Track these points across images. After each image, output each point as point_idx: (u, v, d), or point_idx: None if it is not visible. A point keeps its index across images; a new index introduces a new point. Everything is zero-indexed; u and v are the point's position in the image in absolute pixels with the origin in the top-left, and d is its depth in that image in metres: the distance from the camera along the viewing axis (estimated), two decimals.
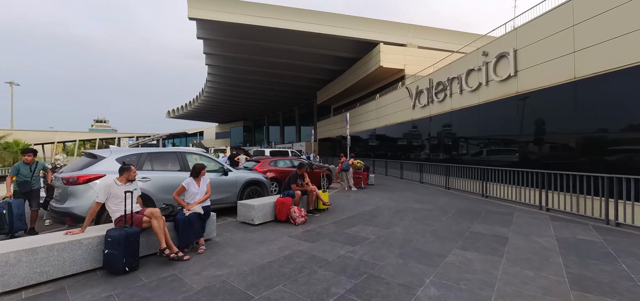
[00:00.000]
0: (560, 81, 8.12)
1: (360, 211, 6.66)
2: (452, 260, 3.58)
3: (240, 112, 51.28)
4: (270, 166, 9.38)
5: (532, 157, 8.90)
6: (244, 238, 4.60)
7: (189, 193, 4.34)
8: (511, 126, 9.81)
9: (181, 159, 5.65)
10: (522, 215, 6.11)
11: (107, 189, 3.57)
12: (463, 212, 6.45)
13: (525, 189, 7.45)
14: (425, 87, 15.09)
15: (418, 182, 12.38)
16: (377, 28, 21.34)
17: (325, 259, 3.65)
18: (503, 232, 4.85)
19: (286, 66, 26.77)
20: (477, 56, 11.58)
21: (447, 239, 4.47)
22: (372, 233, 4.80)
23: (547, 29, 8.57)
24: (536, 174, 7.10)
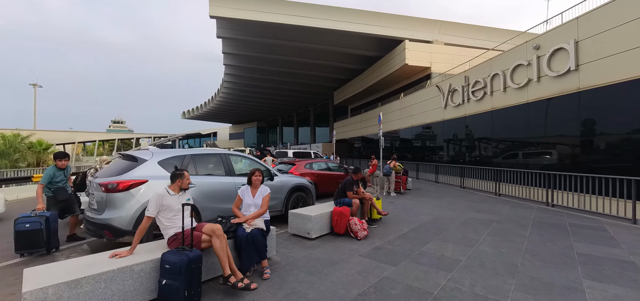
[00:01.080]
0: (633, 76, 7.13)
1: (419, 221, 5.86)
2: (598, 298, 2.76)
3: (255, 113, 51.05)
4: (306, 169, 8.68)
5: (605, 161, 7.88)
6: (306, 257, 3.88)
7: (243, 203, 3.67)
8: (572, 126, 8.81)
9: (226, 162, 4.99)
10: (620, 231, 5.19)
11: (158, 200, 2.92)
12: (542, 225, 5.57)
13: (608, 200, 6.47)
14: (461, 85, 14.13)
15: (459, 187, 11.45)
16: (402, 24, 20.44)
17: (427, 291, 2.89)
18: (619, 254, 3.98)
19: (303, 65, 26.12)
20: (525, 50, 10.61)
21: (558, 263, 3.64)
22: (457, 253, 4.00)
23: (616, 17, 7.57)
24: (620, 181, 6.14)
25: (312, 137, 42.85)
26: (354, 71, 27.12)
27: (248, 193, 3.69)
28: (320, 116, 42.04)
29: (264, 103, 42.82)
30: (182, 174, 3.12)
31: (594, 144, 8.30)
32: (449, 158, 15.07)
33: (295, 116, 47.82)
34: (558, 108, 9.27)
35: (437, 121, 16.39)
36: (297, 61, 25.30)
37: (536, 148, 10.16)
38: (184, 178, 3.11)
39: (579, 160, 8.47)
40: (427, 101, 17.42)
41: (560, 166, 8.75)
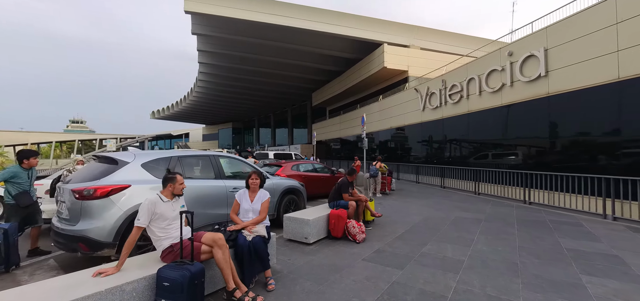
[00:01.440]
0: (601, 82, 7.74)
1: (412, 222, 5.89)
2: (600, 293, 2.85)
3: (230, 113, 49.49)
4: (293, 171, 8.44)
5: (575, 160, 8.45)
6: (308, 264, 3.69)
7: (241, 209, 3.40)
8: (543, 128, 9.40)
9: (215, 164, 4.64)
10: (594, 225, 5.55)
11: (150, 208, 2.58)
12: (526, 222, 5.83)
13: (580, 197, 6.94)
14: (439, 89, 14.63)
15: (439, 187, 11.80)
16: (381, 28, 20.84)
17: (441, 294, 2.82)
18: (602, 248, 4.22)
19: (282, 65, 25.73)
20: (499, 56, 11.19)
21: (553, 260, 3.77)
22: (458, 253, 4.02)
23: (585, 27, 8.20)
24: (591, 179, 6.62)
25: (290, 138, 42.43)
26: (332, 73, 27.21)
27: (246, 198, 3.42)
28: (298, 117, 41.75)
29: (240, 103, 41.66)
30: (174, 177, 2.79)
31: (562, 145, 8.90)
32: (428, 159, 15.52)
33: (272, 117, 47.10)
34: (530, 111, 9.85)
35: (415, 122, 16.84)
36: (275, 61, 24.86)
37: (511, 149, 10.73)
38: (176, 182, 2.78)
39: (550, 160, 9.05)
40: (406, 103, 17.85)
41: (534, 165, 9.28)
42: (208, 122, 59.77)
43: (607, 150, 7.59)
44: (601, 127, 7.76)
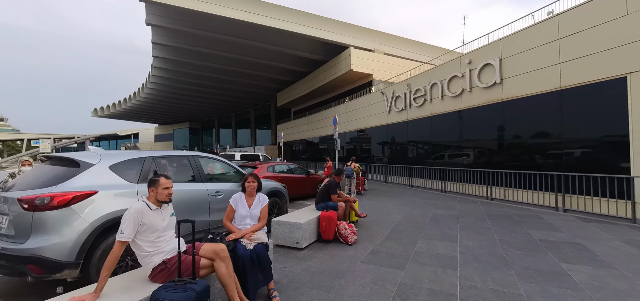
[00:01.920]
0: (547, 89, 8.73)
1: (394, 221, 5.97)
2: (582, 279, 3.12)
3: (187, 112, 46.33)
4: (269, 173, 8.07)
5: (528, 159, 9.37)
6: (307, 271, 3.47)
7: (237, 215, 3.07)
8: (498, 130, 10.32)
9: (195, 166, 4.16)
10: (551, 217, 6.19)
11: (137, 218, 2.15)
12: (495, 217, 6.29)
13: (535, 192, 7.73)
14: (404, 92, 15.29)
15: (407, 186, 12.30)
16: (348, 32, 21.21)
17: (450, 292, 2.83)
18: (567, 238, 4.70)
19: (245, 63, 24.74)
20: (459, 63, 12.05)
21: (532, 250, 4.07)
22: (449, 250, 4.13)
23: (533, 41, 9.18)
24: (546, 176, 7.42)
25: (253, 139, 41.15)
26: (298, 73, 27.00)
27: (242, 203, 3.09)
28: (262, 118, 40.68)
29: (198, 102, 39.22)
30: (156, 180, 2.35)
31: (516, 146, 9.86)
32: (394, 159, 16.12)
33: (233, 117, 45.22)
34: (488, 115, 10.75)
35: (382, 124, 17.39)
36: (238, 59, 23.79)
37: (472, 150, 11.60)
38: (159, 186, 2.32)
39: (507, 159, 9.95)
40: (372, 105, 18.37)
41: (494, 164, 10.15)
42: (162, 121, 55.29)
43: (554, 150, 8.56)
44: (548, 130, 8.73)
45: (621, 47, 6.88)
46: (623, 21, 6.87)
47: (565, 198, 6.99)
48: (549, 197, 7.35)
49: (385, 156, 17.16)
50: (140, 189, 3.32)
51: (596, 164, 7.16)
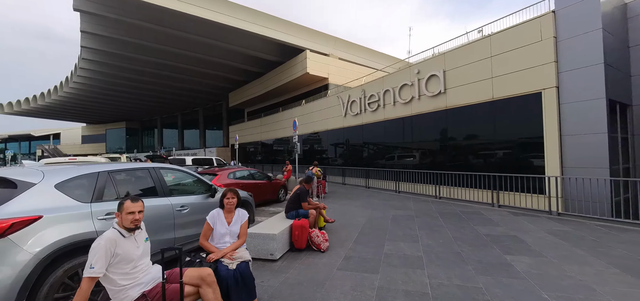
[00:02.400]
0: (483, 100, 10.00)
1: (358, 224, 6.24)
2: (524, 268, 3.68)
3: (124, 110, 41.43)
4: (230, 179, 7.72)
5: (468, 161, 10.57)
6: (284, 283, 3.44)
7: (215, 233, 2.91)
8: (444, 135, 11.47)
9: (156, 178, 3.79)
10: (489, 213, 7.12)
11: (109, 248, 1.91)
12: (446, 215, 6.98)
13: (474, 190, 8.78)
14: (359, 97, 15.98)
15: (364, 187, 12.89)
16: (304, 35, 21.37)
17: (423, 292, 3.09)
18: (505, 231, 5.46)
19: (193, 60, 23.12)
20: (409, 73, 13.06)
21: (480, 245, 4.64)
22: (413, 250, 4.48)
23: (471, 57, 10.44)
24: (484, 176, 8.50)
25: (202, 141, 38.69)
26: (252, 73, 26.26)
27: (221, 220, 2.94)
28: (212, 118, 38.52)
29: (138, 99, 35.40)
30: (121, 204, 2.11)
31: (459, 149, 11.06)
32: (350, 162, 16.72)
33: (180, 117, 41.94)
34: (434, 121, 11.85)
35: (338, 127, 17.88)
36: (185, 55, 22.11)
37: (421, 153, 12.65)
38: (123, 211, 2.09)
39: (451, 161, 11.11)
40: (328, 109, 18.78)
41: (440, 166, 11.22)
42: (91, 120, 48.52)
43: (488, 152, 9.84)
44: (484, 135, 9.99)
45: (537, 67, 8.24)
46: (538, 46, 8.23)
47: (499, 195, 8.11)
48: (486, 194, 8.44)
49: (342, 159, 17.69)
50: (95, 209, 2.93)
51: (521, 165, 8.45)
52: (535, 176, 7.73)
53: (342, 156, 17.89)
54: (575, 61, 7.59)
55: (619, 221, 5.96)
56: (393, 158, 14.00)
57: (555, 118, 7.82)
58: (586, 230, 5.44)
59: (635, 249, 4.29)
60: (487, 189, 8.47)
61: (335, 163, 17.91)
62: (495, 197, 8.08)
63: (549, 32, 8.03)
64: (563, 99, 7.78)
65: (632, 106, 8.74)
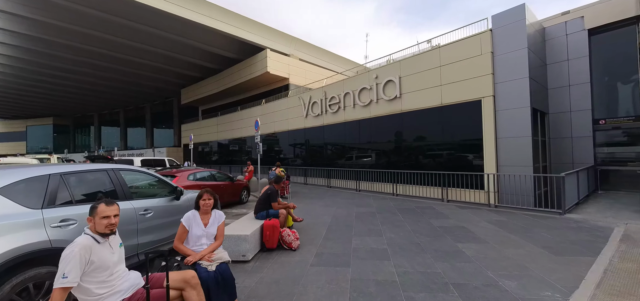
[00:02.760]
0: (433, 105, 11.01)
1: (325, 222, 6.44)
2: (472, 254, 4.22)
3: (50, 104, 36.02)
4: (190, 181, 7.33)
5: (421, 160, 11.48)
6: (260, 282, 3.45)
7: (191, 236, 2.82)
8: (399, 136, 12.33)
9: (116, 181, 3.49)
10: (441, 207, 7.90)
11: (84, 255, 1.77)
12: (404, 211, 7.57)
13: (427, 187, 9.64)
14: (320, 98, 16.29)
15: (326, 187, 13.20)
16: (265, 33, 21.05)
17: (391, 280, 3.38)
18: (455, 223, 6.14)
19: (140, 51, 21.22)
20: (368, 77, 13.75)
21: (436, 236, 5.18)
22: (379, 243, 4.81)
23: (423, 65, 11.42)
24: (436, 174, 9.38)
25: (149, 140, 35.57)
26: (208, 69, 25.02)
27: (197, 222, 2.85)
28: (161, 116, 35.65)
29: (70, 92, 31.14)
30: (94, 208, 1.97)
31: (412, 149, 11.99)
32: (312, 162, 16.94)
33: (122, 113, 37.98)
34: (391, 123, 12.66)
35: (299, 128, 17.98)
36: (130, 45, 20.15)
37: (379, 153, 13.39)
38: (95, 215, 1.96)
39: (406, 161, 11.98)
40: (290, 109, 18.78)
41: (396, 165, 12.02)
42: (6, 115, 41.19)
43: (438, 152, 10.85)
44: (434, 137, 10.99)
45: (478, 78, 9.35)
46: (479, 59, 9.35)
47: (448, 191, 9.03)
48: (436, 191, 9.33)
49: (303, 159, 17.84)
50: (48, 216, 2.63)
51: (465, 164, 9.51)
52: (476, 173, 8.79)
53: (303, 156, 18.02)
54: (507, 74, 8.80)
55: (541, 210, 7.11)
56: (353, 158, 14.58)
57: (492, 123, 8.97)
58: (517, 219, 6.40)
59: (555, 233, 5.20)
60: (437, 186, 9.36)
61: (296, 164, 17.98)
62: (445, 193, 8.99)
63: (487, 48, 9.18)
64: (498, 107, 8.96)
65: (549, 114, 10.44)
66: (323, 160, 16.21)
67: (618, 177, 10.30)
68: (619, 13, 9.68)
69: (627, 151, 10.42)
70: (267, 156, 20.46)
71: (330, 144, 16.00)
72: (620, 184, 10.03)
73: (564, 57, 10.31)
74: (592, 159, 9.85)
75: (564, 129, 10.37)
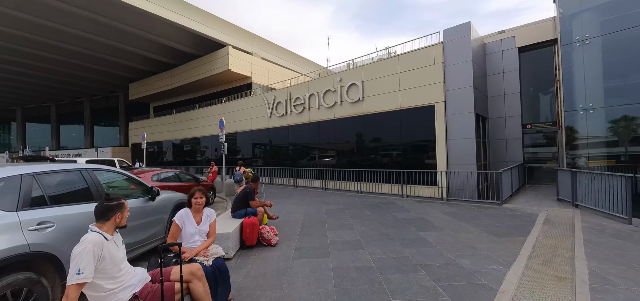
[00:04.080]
0: (393, 108, 11.92)
1: (298, 219, 6.68)
2: (433, 240, 4.84)
3: None
4: (154, 182, 6.96)
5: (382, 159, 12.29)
6: (247, 276, 3.59)
7: (184, 234, 2.87)
8: (362, 137, 13.05)
9: (90, 181, 3.30)
10: (402, 202, 8.65)
11: (96, 251, 1.80)
12: (370, 206, 8.13)
13: (388, 185, 10.41)
14: (285, 99, 16.40)
15: (293, 186, 13.38)
16: (226, 29, 20.43)
17: (369, 266, 3.77)
18: (415, 215, 6.84)
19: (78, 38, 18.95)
20: (332, 80, 14.27)
21: (401, 227, 5.75)
22: (352, 235, 5.21)
23: (384, 71, 12.28)
24: (396, 172, 10.19)
25: (89, 139, 31.92)
26: (161, 64, 23.42)
27: (190, 220, 2.90)
28: (104, 112, 32.23)
29: None
30: (121, 204, 2.04)
31: (374, 149, 12.78)
32: (277, 162, 16.95)
33: (54, 108, 33.44)
34: (354, 125, 13.33)
35: (263, 128, 17.84)
36: (67, 31, 17.89)
37: (343, 153, 13.97)
38: (125, 209, 2.06)
39: (368, 160, 12.72)
40: (253, 108, 18.52)
41: (360, 164, 12.70)
42: None
43: (397, 152, 11.76)
44: (394, 138, 11.88)
45: (431, 85, 10.40)
46: (432, 68, 10.41)
47: (407, 188, 9.89)
48: (397, 187, 10.14)
49: (267, 159, 17.74)
50: (25, 218, 2.48)
51: (421, 163, 10.51)
52: (430, 171, 9.78)
53: (266, 156, 17.92)
54: (455, 82, 9.96)
55: (483, 201, 8.24)
56: (318, 158, 14.99)
57: (443, 126, 10.06)
58: (465, 209, 7.36)
59: (495, 220, 6.14)
60: (397, 183, 10.18)
61: (258, 164, 17.82)
62: (404, 189, 9.84)
63: (439, 58, 10.26)
64: (448, 111, 10.07)
65: (488, 118, 12.01)
66: (288, 160, 16.33)
67: (540, 173, 12.30)
68: (542, 35, 11.57)
69: (546, 151, 12.50)
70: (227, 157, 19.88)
71: (296, 144, 16.18)
72: (542, 179, 12.00)
73: (500, 70, 11.97)
74: (521, 158, 11.60)
75: (500, 132, 12.04)
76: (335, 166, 13.53)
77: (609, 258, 3.89)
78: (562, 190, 8.24)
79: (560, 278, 3.31)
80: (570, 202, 7.45)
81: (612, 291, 2.99)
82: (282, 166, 15.99)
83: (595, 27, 7.78)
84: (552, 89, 11.68)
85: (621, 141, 7.42)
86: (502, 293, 3.00)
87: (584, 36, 7.89)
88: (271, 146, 17.63)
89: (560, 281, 3.24)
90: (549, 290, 3.07)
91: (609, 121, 7.55)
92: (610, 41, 7.53)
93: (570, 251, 4.14)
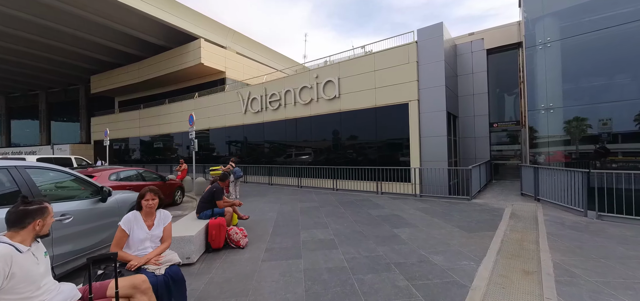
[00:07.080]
0: (368, 106, 11.94)
1: (271, 218, 6.43)
2: (406, 237, 4.80)
3: None
4: (113, 181, 6.37)
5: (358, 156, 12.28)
6: (211, 283, 3.30)
7: (133, 240, 2.54)
8: (338, 134, 12.97)
9: (22, 180, 2.85)
10: (376, 199, 8.66)
11: (4, 267, 1.47)
12: (346, 203, 8.04)
13: (364, 182, 10.41)
14: (260, 95, 15.94)
15: (267, 184, 13.03)
16: (198, 21, 19.50)
17: (342, 266, 3.62)
18: (389, 212, 6.83)
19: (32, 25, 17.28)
20: (309, 76, 14.06)
21: (375, 224, 5.69)
22: (326, 234, 5.06)
23: (360, 69, 12.27)
24: (371, 170, 10.20)
25: (45, 135, 29.29)
26: (128, 56, 21.96)
27: (139, 224, 2.56)
28: (62, 106, 29.70)
29: None
30: (42, 209, 1.70)
31: (350, 146, 12.74)
32: (251, 159, 16.45)
33: (3, 101, 30.33)
34: (330, 121, 13.21)
35: (237, 124, 17.25)
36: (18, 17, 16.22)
37: (319, 150, 13.81)
38: (47, 214, 1.73)
39: (344, 157, 12.66)
40: (227, 104, 17.84)
41: (336, 162, 12.61)
42: None
43: (372, 149, 11.80)
44: (369, 135, 11.91)
45: (406, 83, 10.52)
46: (406, 66, 10.52)
47: (382, 185, 9.93)
48: (372, 184, 10.17)
49: (243, 156, 17.18)
50: None
51: (395, 160, 10.61)
52: (404, 168, 9.90)
53: (241, 153, 17.35)
54: (428, 81, 10.13)
55: (454, 197, 8.45)
56: (294, 156, 14.71)
57: (417, 124, 10.21)
58: (437, 205, 7.48)
59: (465, 215, 6.28)
60: (372, 180, 10.21)
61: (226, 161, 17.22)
62: (379, 186, 9.87)
63: (413, 58, 10.39)
64: (422, 109, 10.23)
65: (459, 117, 12.40)
66: (263, 157, 15.91)
67: (505, 169, 12.92)
68: (507, 38, 12.11)
69: (511, 148, 13.16)
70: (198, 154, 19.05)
71: (271, 141, 15.81)
72: (507, 175, 12.61)
73: (470, 70, 12.38)
74: (488, 155, 12.09)
75: (469, 130, 12.47)
76: (311, 163, 13.34)
77: (570, 249, 4.05)
78: (525, 185, 8.66)
79: (528, 272, 3.37)
80: (533, 196, 7.83)
81: (575, 283, 3.07)
82: (257, 163, 15.53)
83: (555, 32, 8.21)
84: (517, 89, 12.29)
85: (573, 140, 7.89)
86: (474, 290, 2.97)
87: (546, 40, 8.30)
88: (246, 143, 17.10)
89: (527, 275, 3.29)
90: (518, 284, 3.09)
91: (564, 121, 8.02)
92: (568, 45, 7.98)
93: (535, 245, 4.27)
